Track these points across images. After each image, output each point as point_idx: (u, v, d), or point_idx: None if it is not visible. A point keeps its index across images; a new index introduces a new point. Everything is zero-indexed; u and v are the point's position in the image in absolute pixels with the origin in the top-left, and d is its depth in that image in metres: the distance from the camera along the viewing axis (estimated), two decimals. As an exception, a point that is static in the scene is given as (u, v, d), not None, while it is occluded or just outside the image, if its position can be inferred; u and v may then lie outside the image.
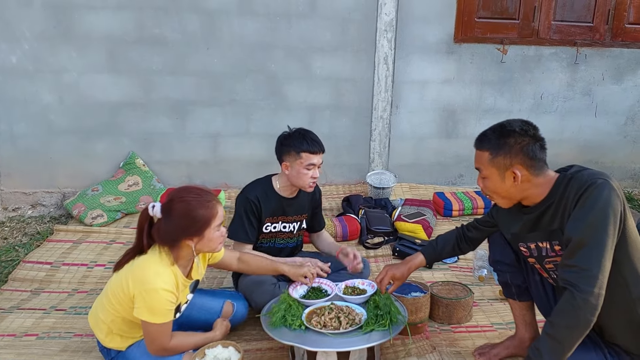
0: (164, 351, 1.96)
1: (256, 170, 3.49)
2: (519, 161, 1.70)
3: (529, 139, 1.71)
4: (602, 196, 1.59)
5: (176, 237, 1.89)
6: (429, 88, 4.21)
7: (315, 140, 2.41)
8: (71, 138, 3.96)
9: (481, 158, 1.78)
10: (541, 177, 1.73)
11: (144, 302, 1.85)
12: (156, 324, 1.88)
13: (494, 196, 1.82)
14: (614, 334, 1.76)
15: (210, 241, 1.94)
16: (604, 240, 1.58)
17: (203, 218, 1.88)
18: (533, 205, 1.78)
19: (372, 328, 2.00)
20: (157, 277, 1.86)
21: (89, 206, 3.72)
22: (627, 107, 4.45)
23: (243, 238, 2.45)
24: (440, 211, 3.85)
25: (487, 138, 1.76)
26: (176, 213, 1.87)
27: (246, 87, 4.02)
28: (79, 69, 3.84)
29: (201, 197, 1.90)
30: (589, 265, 1.59)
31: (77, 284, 2.98)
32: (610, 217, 1.59)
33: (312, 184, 2.45)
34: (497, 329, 2.46)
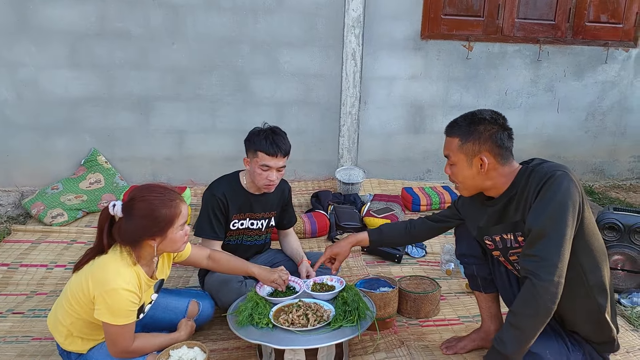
0: (126, 353, 1.90)
1: (223, 167, 3.45)
2: (487, 148, 1.74)
3: (498, 127, 1.75)
4: (562, 188, 1.63)
5: (138, 237, 1.83)
6: (396, 84, 4.23)
7: (276, 143, 2.31)
8: (29, 135, 3.81)
9: (451, 144, 1.81)
10: (507, 167, 1.77)
11: (104, 303, 1.79)
12: (118, 325, 1.82)
13: (459, 183, 1.85)
14: (574, 322, 1.80)
15: (173, 241, 1.89)
16: (563, 230, 1.62)
17: (166, 218, 1.83)
18: (496, 197, 1.81)
19: (340, 324, 1.99)
20: (118, 277, 1.80)
21: (48, 205, 3.60)
22: (587, 103, 4.58)
23: (211, 235, 2.40)
24: (408, 206, 3.88)
25: (458, 125, 1.80)
26: (138, 212, 1.81)
27: (212, 82, 3.95)
28: (38, 64, 3.69)
29: (164, 196, 1.84)
30: (548, 255, 1.62)
31: (36, 286, 2.88)
32: (569, 208, 1.62)
33: (267, 185, 2.38)
34: (464, 322, 2.49)
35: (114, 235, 1.85)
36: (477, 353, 2.19)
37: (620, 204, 4.21)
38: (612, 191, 4.55)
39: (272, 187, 2.42)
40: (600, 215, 2.72)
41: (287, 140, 2.38)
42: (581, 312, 1.78)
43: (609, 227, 2.68)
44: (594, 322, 1.79)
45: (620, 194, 4.50)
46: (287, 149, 2.36)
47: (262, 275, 2.25)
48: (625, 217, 2.67)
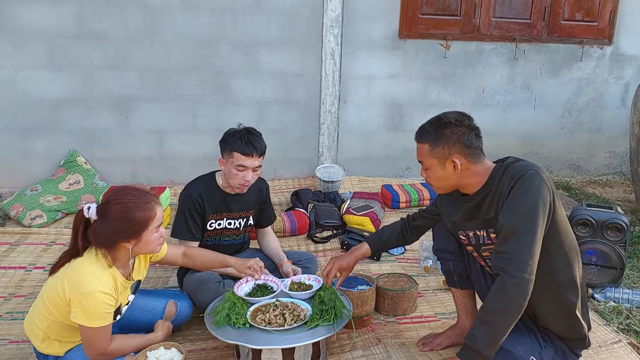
0: (103, 355, 1.91)
1: (203, 167, 3.43)
2: (456, 150, 1.78)
3: (465, 129, 1.79)
4: (533, 187, 1.68)
5: (112, 239, 1.84)
6: (375, 83, 4.27)
7: (252, 142, 2.33)
8: (8, 136, 3.78)
9: (422, 150, 1.85)
10: (479, 165, 1.81)
11: (80, 306, 1.80)
12: (95, 327, 1.83)
13: (436, 185, 1.89)
14: (546, 319, 1.85)
15: (148, 243, 1.90)
16: (533, 228, 1.66)
17: (140, 220, 1.84)
18: (472, 193, 1.86)
19: (317, 323, 2.02)
20: (93, 279, 1.81)
21: (27, 206, 3.57)
22: (563, 100, 4.66)
23: (187, 236, 2.42)
24: (388, 203, 3.93)
25: (426, 131, 1.84)
26: (112, 215, 1.82)
27: (192, 83, 3.95)
28: (16, 65, 3.67)
29: (139, 198, 1.85)
30: (519, 252, 1.66)
31: (15, 288, 2.86)
32: (540, 207, 1.67)
33: (241, 185, 2.39)
34: (440, 318, 2.53)
35: (89, 237, 1.86)
36: (453, 349, 2.22)
37: (596, 199, 4.30)
38: (589, 186, 4.65)
39: (246, 188, 2.44)
40: (574, 212, 2.78)
41: (262, 140, 2.40)
42: (552, 308, 1.83)
43: (582, 223, 2.74)
44: (564, 318, 1.84)
45: (596, 189, 4.60)
46: (263, 148, 2.38)
47: (237, 264, 2.28)
48: (597, 213, 2.73)
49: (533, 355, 1.80)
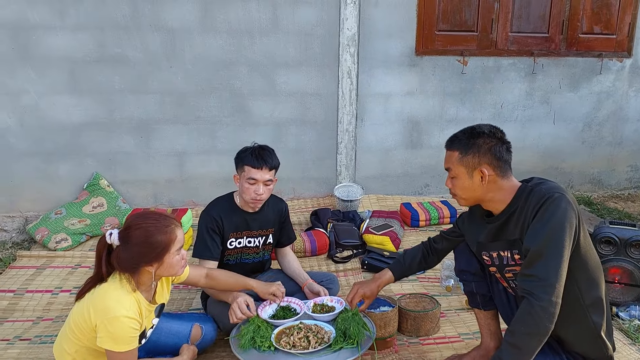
0: None
1: (223, 187, 3.49)
2: (486, 161, 1.78)
3: (497, 141, 1.80)
4: (559, 209, 1.67)
5: (135, 264, 1.87)
6: (392, 100, 4.29)
7: (262, 156, 2.38)
8: (32, 161, 3.87)
9: (451, 158, 1.85)
10: (506, 180, 1.81)
11: (106, 331, 1.83)
12: (121, 352, 1.85)
13: (460, 196, 1.88)
14: (571, 342, 1.83)
15: (171, 266, 1.93)
16: (560, 251, 1.66)
17: (162, 244, 1.86)
18: (496, 214, 1.85)
19: (341, 346, 2.03)
20: (118, 304, 1.84)
21: (52, 230, 3.64)
22: (583, 114, 4.62)
23: (206, 255, 2.44)
24: (407, 222, 3.91)
25: (458, 139, 1.85)
26: (134, 240, 1.85)
27: (211, 104, 4.01)
28: (39, 91, 3.76)
29: (159, 222, 1.88)
30: (546, 275, 1.66)
31: (42, 312, 2.91)
32: (567, 230, 1.66)
33: (253, 200, 2.42)
34: (464, 339, 2.51)
35: (113, 263, 1.89)
36: (477, 371, 2.21)
37: (618, 214, 4.23)
38: (611, 201, 4.58)
39: (259, 203, 2.46)
40: (597, 230, 2.74)
41: (274, 156, 2.45)
42: (577, 331, 1.81)
43: (606, 241, 2.70)
44: (590, 340, 1.81)
45: (618, 203, 4.53)
46: (273, 162, 2.42)
47: (260, 289, 2.31)
48: (621, 231, 2.69)
49: None
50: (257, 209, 2.52)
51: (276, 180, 2.50)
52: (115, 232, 1.88)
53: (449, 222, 3.93)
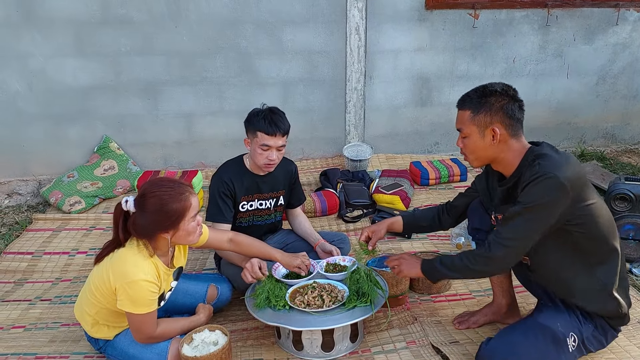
0: (151, 339, 2.00)
1: (232, 149, 3.50)
2: (498, 119, 1.77)
3: (509, 99, 1.78)
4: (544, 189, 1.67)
5: (151, 231, 1.90)
6: (402, 57, 4.20)
7: (275, 122, 2.35)
8: (42, 125, 3.87)
9: (463, 117, 1.84)
10: (516, 141, 1.79)
11: (126, 294, 1.88)
12: (140, 314, 1.91)
13: (471, 155, 1.87)
14: (583, 301, 1.84)
15: (187, 233, 1.95)
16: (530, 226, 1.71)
17: (177, 212, 1.87)
18: (507, 176, 1.85)
19: (355, 304, 2.06)
20: (137, 269, 1.88)
21: (65, 193, 3.68)
22: (598, 67, 4.51)
23: (220, 219, 2.46)
24: (417, 180, 3.91)
25: (469, 98, 1.83)
26: (149, 208, 1.86)
27: (217, 65, 3.95)
28: (45, 54, 3.72)
29: (174, 190, 1.88)
30: (508, 238, 1.74)
31: (60, 273, 2.99)
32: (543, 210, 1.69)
33: (266, 165, 2.42)
34: (475, 296, 2.55)
35: (129, 229, 1.92)
36: (489, 327, 2.25)
37: (632, 169, 4.19)
38: (624, 156, 4.53)
39: (272, 167, 2.46)
40: (611, 186, 2.73)
41: (285, 120, 2.41)
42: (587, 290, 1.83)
43: (620, 197, 2.69)
44: (601, 299, 1.83)
45: (632, 158, 4.48)
46: (286, 128, 2.39)
47: (285, 261, 2.31)
48: (636, 187, 2.67)
49: (573, 332, 1.81)
50: (271, 171, 2.51)
51: (286, 143, 2.48)
52: (131, 199, 1.89)
53: (459, 180, 3.92)
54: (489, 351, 1.79)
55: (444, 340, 2.18)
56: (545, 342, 1.77)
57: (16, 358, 2.21)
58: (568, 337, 1.79)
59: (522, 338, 1.78)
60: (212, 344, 2.00)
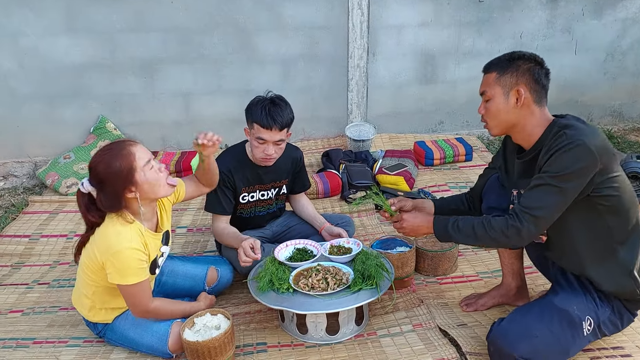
0: (147, 313, 1.96)
1: (231, 129, 3.42)
2: (524, 81, 1.72)
3: (537, 64, 1.74)
4: (573, 157, 1.61)
5: (115, 196, 1.85)
6: (405, 32, 4.08)
7: (273, 114, 2.20)
8: (36, 105, 3.78)
9: (487, 80, 1.79)
10: (540, 109, 1.74)
11: (113, 267, 1.84)
12: (132, 284, 1.87)
13: (493, 121, 1.81)
14: (601, 280, 1.78)
15: (150, 184, 1.88)
16: (558, 196, 1.65)
17: (124, 167, 1.82)
18: (527, 149, 1.79)
19: (360, 287, 2.00)
20: (119, 237, 1.84)
21: (62, 175, 3.61)
22: (607, 43, 4.39)
23: (219, 210, 2.40)
24: (421, 161, 3.83)
25: (497, 60, 1.79)
26: (100, 177, 1.83)
27: (215, 41, 3.84)
28: (37, 32, 3.61)
29: (113, 149, 1.84)
30: (537, 208, 1.67)
31: (58, 256, 2.94)
32: (572, 179, 1.62)
33: (264, 159, 2.30)
34: (482, 277, 2.49)
35: (100, 208, 1.87)
36: (497, 309, 2.20)
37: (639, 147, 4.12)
38: (632, 134, 4.44)
39: (271, 162, 2.34)
40: (623, 165, 2.67)
41: (286, 112, 2.26)
42: (606, 268, 1.77)
43: (632, 176, 2.64)
44: (620, 278, 1.77)
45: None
46: (285, 121, 2.24)
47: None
48: (648, 165, 2.61)
49: (589, 315, 1.75)
50: (269, 165, 2.39)
51: (290, 135, 2.34)
52: (85, 180, 1.88)
53: (465, 160, 3.84)
54: (501, 333, 1.73)
55: (452, 323, 2.13)
56: (561, 325, 1.71)
57: (14, 343, 2.17)
58: (584, 321, 1.73)
59: (537, 320, 1.72)
60: (214, 328, 1.94)
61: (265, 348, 2.07)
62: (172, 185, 1.96)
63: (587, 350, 1.91)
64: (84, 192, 1.87)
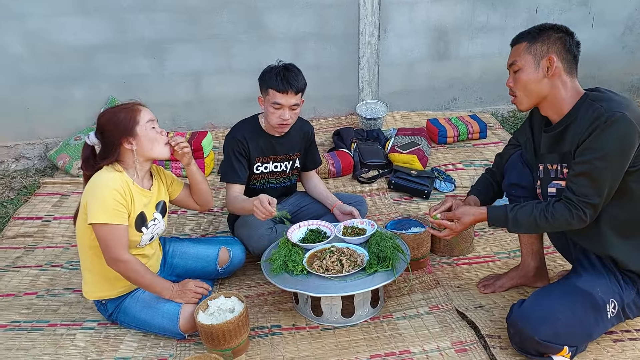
0: (119, 262, 1.90)
1: (242, 109, 3.37)
2: (555, 49, 1.68)
3: (567, 35, 1.70)
4: (617, 132, 1.56)
5: (112, 145, 1.93)
6: (418, 8, 3.98)
7: (288, 79, 2.22)
8: (46, 86, 3.75)
9: (517, 50, 1.74)
10: (570, 80, 1.70)
11: (91, 203, 1.87)
12: (105, 224, 1.85)
13: (523, 92, 1.75)
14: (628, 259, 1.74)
15: (148, 140, 1.95)
16: (611, 175, 1.61)
17: (127, 118, 1.92)
18: (554, 123, 1.74)
19: (376, 269, 1.97)
20: (101, 177, 1.92)
21: (73, 156, 3.60)
22: (625, 16, 4.26)
23: (234, 179, 2.38)
24: (434, 139, 3.77)
25: (526, 32, 1.75)
26: (103, 126, 1.93)
27: (224, 20, 3.77)
28: (45, 13, 3.56)
29: (121, 105, 1.99)
30: (592, 195, 1.63)
31: (71, 238, 2.94)
32: (622, 154, 1.59)
33: (279, 125, 2.30)
34: (499, 258, 2.45)
35: (98, 161, 1.96)
36: (516, 291, 2.16)
37: (658, 123, 4.01)
38: (650, 110, 4.34)
39: (286, 127, 2.35)
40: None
41: (300, 77, 2.28)
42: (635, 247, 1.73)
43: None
44: None
45: (658, 112, 4.29)
46: (300, 85, 2.26)
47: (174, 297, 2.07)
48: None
49: (613, 297, 1.71)
50: (284, 133, 2.40)
51: (303, 102, 2.35)
52: (92, 133, 1.98)
53: (479, 138, 3.77)
54: (523, 315, 1.70)
55: (469, 305, 2.10)
56: (584, 307, 1.68)
57: (29, 325, 2.17)
58: (608, 304, 1.69)
59: (559, 303, 1.68)
60: (228, 311, 1.93)
61: (280, 330, 2.06)
62: (169, 147, 2.02)
63: (610, 333, 1.88)
64: (89, 145, 1.98)
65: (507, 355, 1.80)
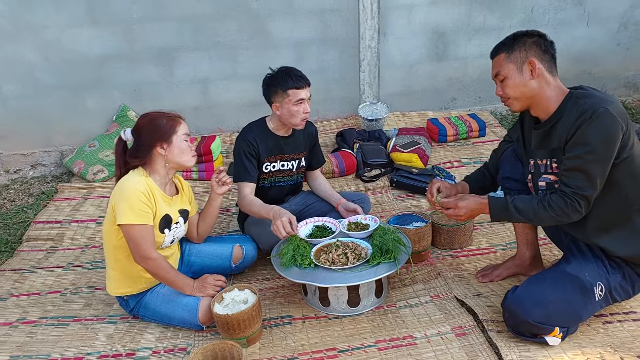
0: (148, 260, 2.04)
1: (248, 113, 3.51)
2: (533, 53, 1.79)
3: (539, 37, 1.82)
4: (601, 126, 1.66)
5: (146, 146, 2.06)
6: (416, 11, 4.10)
7: (299, 75, 2.41)
8: (61, 95, 3.90)
9: (497, 61, 1.87)
10: (553, 78, 1.81)
11: (121, 202, 2.00)
12: (132, 225, 1.99)
13: (512, 97, 1.85)
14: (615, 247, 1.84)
15: (180, 150, 2.09)
16: (600, 167, 1.70)
17: (167, 124, 2.07)
18: (543, 120, 1.85)
19: (379, 261, 2.10)
20: (128, 180, 2.05)
21: (88, 162, 3.74)
22: (620, 13, 4.36)
23: (246, 178, 2.50)
24: (434, 138, 3.88)
25: (502, 43, 1.87)
26: (142, 127, 2.08)
27: (229, 28, 3.91)
28: (59, 24, 3.71)
29: (164, 112, 2.12)
30: (584, 187, 1.73)
31: (89, 240, 3.08)
32: (608, 146, 1.68)
33: (304, 119, 2.47)
34: (497, 250, 2.57)
35: (127, 159, 2.09)
36: (512, 280, 2.27)
37: (653, 118, 4.11)
38: (646, 105, 4.44)
39: (305, 121, 2.51)
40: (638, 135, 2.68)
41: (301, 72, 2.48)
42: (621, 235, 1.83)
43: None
44: (634, 244, 1.83)
45: (653, 107, 4.39)
46: (307, 78, 2.47)
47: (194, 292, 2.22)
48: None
49: (600, 281, 1.82)
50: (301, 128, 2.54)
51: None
52: (128, 129, 2.11)
53: (478, 136, 3.89)
54: (516, 300, 1.82)
55: (468, 293, 2.22)
56: (573, 291, 1.79)
57: (55, 321, 2.31)
58: (595, 287, 1.80)
59: (550, 287, 1.80)
60: (242, 302, 2.06)
61: (290, 320, 2.19)
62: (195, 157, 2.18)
63: (600, 316, 1.99)
64: (122, 140, 2.10)
65: (503, 338, 1.92)
